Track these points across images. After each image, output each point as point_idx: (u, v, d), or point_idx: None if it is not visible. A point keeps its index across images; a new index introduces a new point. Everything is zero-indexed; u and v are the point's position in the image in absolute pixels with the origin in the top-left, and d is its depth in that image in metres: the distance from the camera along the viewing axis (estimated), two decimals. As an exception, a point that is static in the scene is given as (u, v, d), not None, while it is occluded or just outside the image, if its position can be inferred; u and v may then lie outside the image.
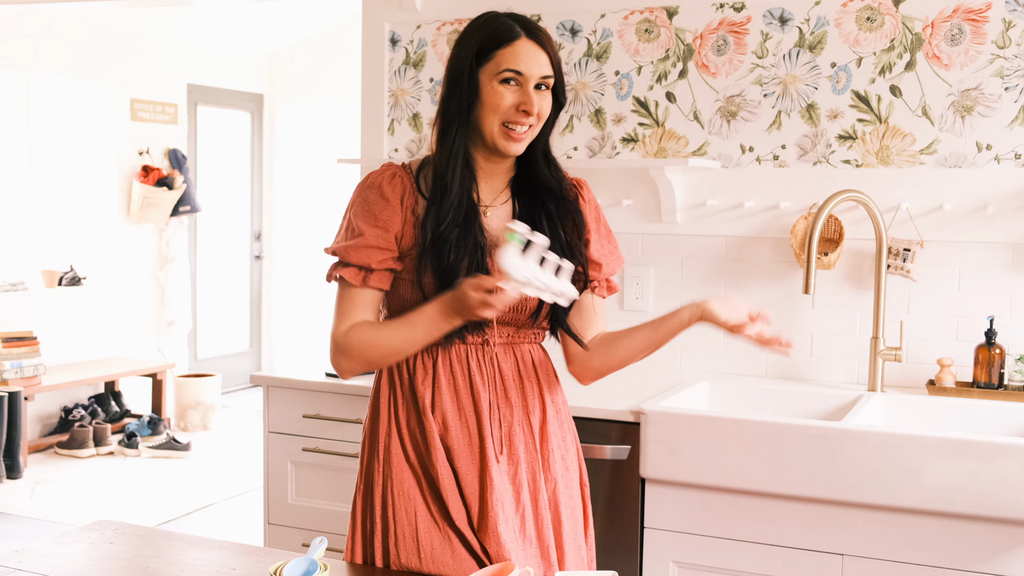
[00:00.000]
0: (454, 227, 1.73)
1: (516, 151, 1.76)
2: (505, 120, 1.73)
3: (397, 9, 3.40)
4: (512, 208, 1.83)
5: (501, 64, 1.72)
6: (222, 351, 7.76)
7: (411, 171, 1.82)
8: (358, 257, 1.76)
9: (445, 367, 1.78)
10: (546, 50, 1.74)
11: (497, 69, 1.72)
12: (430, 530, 1.74)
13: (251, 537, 4.37)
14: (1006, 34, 2.72)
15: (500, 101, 1.72)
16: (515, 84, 1.73)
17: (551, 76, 1.74)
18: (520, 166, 1.84)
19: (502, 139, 1.74)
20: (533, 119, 1.74)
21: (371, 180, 1.81)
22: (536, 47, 1.73)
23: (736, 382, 2.91)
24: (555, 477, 1.83)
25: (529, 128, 1.75)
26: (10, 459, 5.33)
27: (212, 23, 6.99)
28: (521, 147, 1.76)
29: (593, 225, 1.89)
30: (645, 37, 3.10)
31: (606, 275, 1.91)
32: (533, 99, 1.72)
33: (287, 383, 2.93)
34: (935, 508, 2.21)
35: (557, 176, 1.84)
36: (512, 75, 1.72)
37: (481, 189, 1.82)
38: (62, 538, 1.89)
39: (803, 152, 2.94)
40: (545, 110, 1.76)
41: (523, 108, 1.72)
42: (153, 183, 6.66)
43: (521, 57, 1.72)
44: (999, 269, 2.75)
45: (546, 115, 1.77)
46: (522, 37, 1.73)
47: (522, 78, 1.72)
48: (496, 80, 1.73)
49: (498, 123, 1.74)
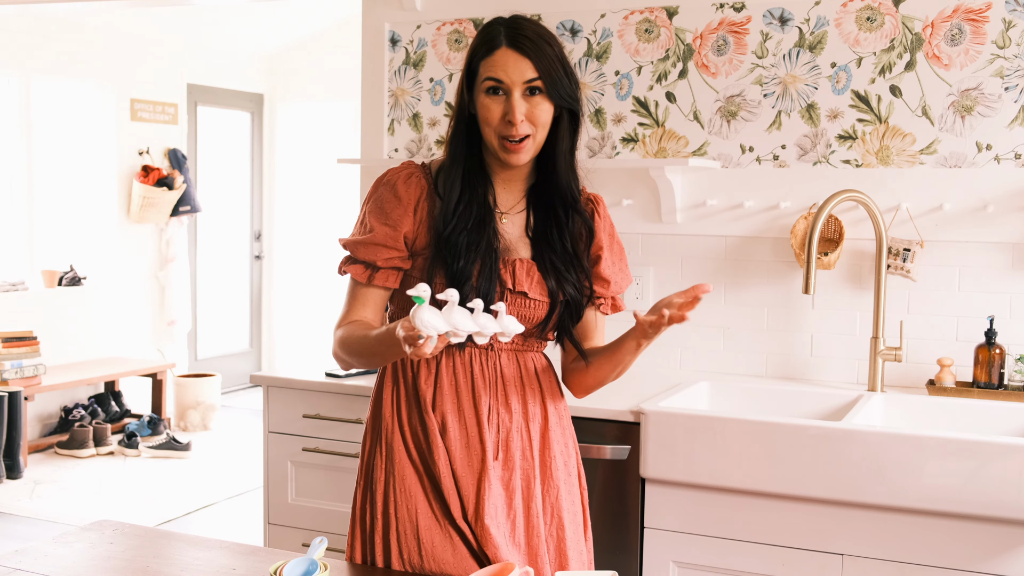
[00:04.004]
0: (462, 231, 1.73)
1: (517, 162, 1.74)
2: (498, 133, 1.72)
3: (397, 9, 3.40)
4: (527, 218, 1.82)
5: (483, 75, 1.72)
6: (222, 351, 7.76)
7: (430, 171, 1.82)
8: (365, 253, 1.78)
9: (448, 368, 1.78)
10: (529, 56, 1.70)
11: (481, 80, 1.73)
12: (431, 527, 1.74)
13: (251, 537, 4.37)
14: (1006, 34, 2.72)
15: (488, 114, 1.72)
16: (501, 94, 1.71)
17: (536, 79, 1.70)
18: (538, 173, 1.83)
19: (502, 152, 1.74)
20: (526, 127, 1.71)
21: (388, 177, 1.82)
22: (516, 55, 1.70)
23: (736, 382, 2.91)
24: (557, 484, 1.83)
25: (527, 138, 1.72)
26: (10, 459, 5.33)
27: (212, 23, 6.99)
28: (521, 157, 1.74)
29: (607, 242, 1.88)
30: (645, 37, 3.10)
31: (613, 292, 1.89)
32: (516, 108, 1.69)
33: (287, 383, 2.93)
34: (935, 508, 2.21)
35: (572, 186, 1.81)
36: (494, 84, 1.71)
37: (499, 194, 1.82)
38: (62, 538, 1.89)
39: (803, 152, 2.94)
40: (541, 117, 1.72)
41: (507, 118, 1.70)
42: (153, 183, 6.66)
43: (499, 66, 1.70)
44: (999, 269, 2.75)
45: (543, 122, 1.73)
46: (502, 47, 1.71)
47: (504, 87, 1.70)
48: (483, 92, 1.73)
49: (495, 136, 1.73)
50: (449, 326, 1.52)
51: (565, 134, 1.78)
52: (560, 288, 1.79)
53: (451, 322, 1.52)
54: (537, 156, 1.79)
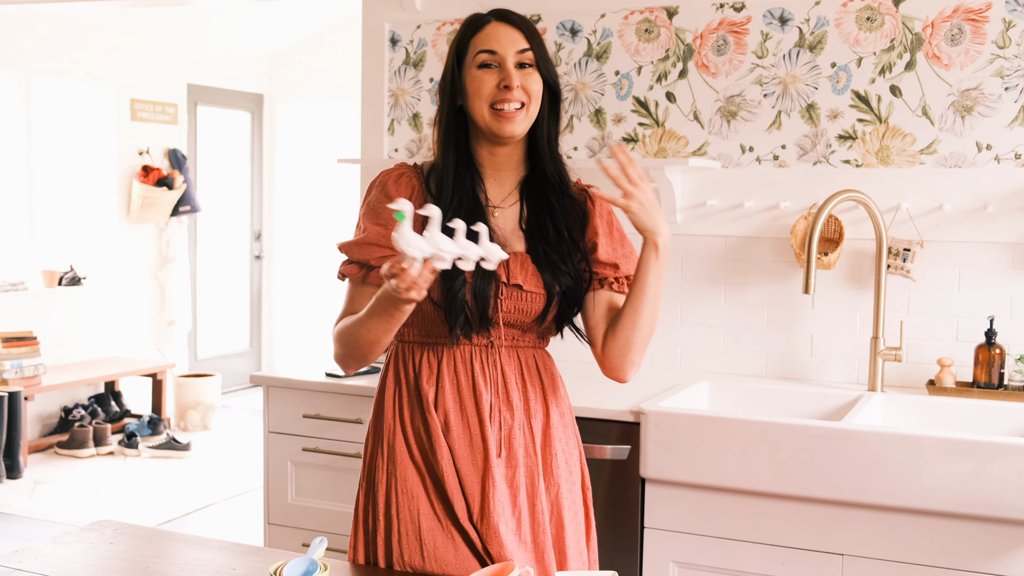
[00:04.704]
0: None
1: (512, 131, 1.75)
2: (492, 102, 1.74)
3: (397, 9, 3.40)
4: (520, 210, 1.83)
5: (475, 49, 1.76)
6: (222, 351, 7.76)
7: (422, 171, 1.84)
8: (359, 253, 1.81)
9: (449, 367, 1.78)
10: (519, 28, 1.75)
11: (473, 55, 1.76)
12: (433, 528, 1.74)
13: (251, 537, 4.37)
14: (1006, 34, 2.72)
15: (481, 85, 1.74)
16: (494, 67, 1.75)
17: (528, 50, 1.75)
18: (528, 164, 1.84)
19: (495, 122, 1.75)
20: (520, 94, 1.74)
21: (380, 178, 1.86)
22: (506, 26, 1.75)
23: (736, 382, 2.91)
24: (558, 482, 1.83)
25: (522, 107, 1.75)
26: (10, 459, 5.33)
27: (212, 23, 6.99)
28: (516, 127, 1.75)
29: (604, 229, 1.87)
30: (645, 37, 3.10)
31: (624, 274, 1.86)
32: (512, 74, 1.73)
33: (287, 383, 2.93)
34: (935, 508, 2.21)
35: (560, 171, 1.83)
36: (487, 56, 1.74)
37: (489, 189, 1.83)
38: (62, 538, 1.89)
39: (803, 152, 2.94)
40: (533, 88, 1.75)
41: (504, 84, 1.73)
42: (153, 183, 6.66)
43: (492, 37, 1.75)
44: (999, 269, 2.75)
45: (535, 93, 1.76)
46: (492, 21, 1.77)
47: (497, 58, 1.74)
48: (475, 67, 1.75)
49: (487, 107, 1.75)
50: (432, 247, 1.49)
51: (547, 118, 1.81)
52: (556, 280, 1.78)
53: (433, 243, 1.49)
54: (526, 146, 1.82)
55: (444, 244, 1.50)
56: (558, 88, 1.80)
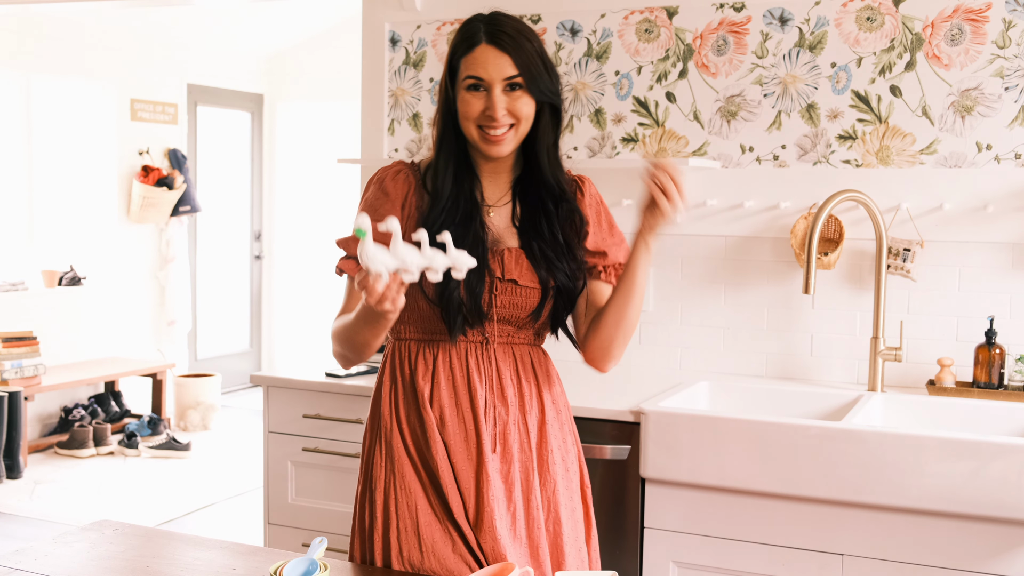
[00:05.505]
0: (449, 225, 1.74)
1: (498, 153, 1.76)
2: (479, 125, 1.75)
3: (397, 9, 3.40)
4: (513, 209, 1.84)
5: (464, 72, 1.75)
6: (222, 351, 7.76)
7: (418, 169, 1.86)
8: (354, 249, 1.80)
9: (445, 364, 1.79)
10: (508, 53, 1.72)
11: (462, 77, 1.75)
12: (431, 524, 1.75)
13: (251, 537, 4.37)
14: (1006, 34, 2.72)
15: (468, 109, 1.75)
16: (482, 90, 1.74)
17: (516, 76, 1.73)
18: (524, 165, 1.85)
19: (482, 143, 1.76)
20: (507, 118, 1.73)
21: (377, 176, 1.87)
22: (495, 51, 1.73)
23: (736, 382, 2.91)
24: (554, 478, 1.83)
25: (509, 129, 1.75)
26: (10, 459, 5.33)
27: (212, 23, 6.99)
28: (502, 149, 1.76)
29: (593, 219, 1.88)
30: (645, 37, 3.10)
31: (612, 261, 1.87)
32: (496, 103, 1.72)
33: (287, 383, 2.93)
34: (935, 508, 2.21)
35: (558, 179, 1.83)
36: (474, 81, 1.74)
37: (485, 188, 1.84)
38: (62, 538, 1.89)
39: (803, 152, 2.94)
40: (522, 111, 1.74)
41: (487, 113, 1.73)
42: (153, 183, 6.66)
43: (479, 63, 1.73)
44: (999, 269, 2.75)
45: (525, 115, 1.75)
46: (482, 44, 1.74)
47: (484, 83, 1.73)
48: (463, 88, 1.75)
49: (474, 128, 1.75)
50: (397, 260, 1.47)
51: (548, 128, 1.81)
52: (551, 275, 1.79)
53: (398, 256, 1.48)
54: (521, 148, 1.82)
55: (409, 256, 1.48)
56: (557, 102, 1.79)
